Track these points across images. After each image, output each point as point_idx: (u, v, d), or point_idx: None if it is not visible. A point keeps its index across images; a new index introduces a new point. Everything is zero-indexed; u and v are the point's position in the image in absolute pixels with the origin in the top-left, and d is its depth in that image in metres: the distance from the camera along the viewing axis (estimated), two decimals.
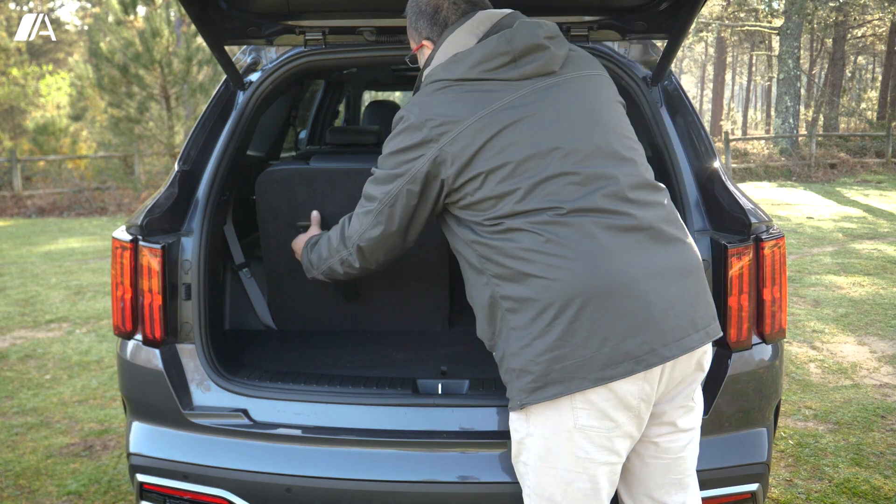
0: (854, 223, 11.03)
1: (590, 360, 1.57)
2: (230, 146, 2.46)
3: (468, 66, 1.70)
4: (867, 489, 3.19)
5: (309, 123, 5.28)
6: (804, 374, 4.67)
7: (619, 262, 1.59)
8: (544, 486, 1.70)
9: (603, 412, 1.62)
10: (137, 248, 2.18)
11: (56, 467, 3.52)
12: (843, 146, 21.53)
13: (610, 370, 1.58)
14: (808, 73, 33.71)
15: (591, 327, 1.57)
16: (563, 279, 1.58)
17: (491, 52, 1.70)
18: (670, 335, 1.61)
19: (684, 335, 1.63)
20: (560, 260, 1.59)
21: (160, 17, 15.20)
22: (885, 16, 25.00)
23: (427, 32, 1.86)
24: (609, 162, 1.68)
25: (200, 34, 2.26)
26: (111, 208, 15.29)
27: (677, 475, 1.82)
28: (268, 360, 2.58)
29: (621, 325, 1.57)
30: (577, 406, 1.62)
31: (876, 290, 6.80)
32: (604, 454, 1.66)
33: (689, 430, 1.81)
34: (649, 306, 1.59)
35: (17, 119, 23.80)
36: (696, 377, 1.76)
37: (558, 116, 1.69)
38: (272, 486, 2.09)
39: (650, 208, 1.68)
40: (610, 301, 1.57)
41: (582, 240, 1.60)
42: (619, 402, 1.62)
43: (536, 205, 1.62)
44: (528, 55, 1.71)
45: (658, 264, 1.63)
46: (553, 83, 1.72)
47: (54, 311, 6.59)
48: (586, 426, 1.63)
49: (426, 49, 1.88)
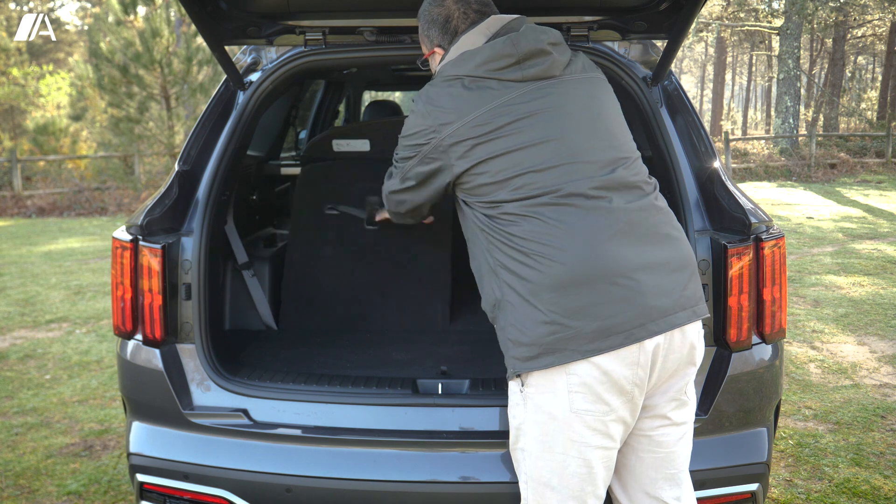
0: (854, 223, 11.03)
1: (581, 334, 1.67)
2: (230, 146, 2.46)
3: (475, 64, 1.82)
4: (867, 489, 3.19)
5: (309, 123, 5.28)
6: (804, 374, 4.67)
7: (614, 250, 1.70)
8: (541, 470, 1.76)
9: (598, 395, 1.70)
10: (137, 248, 2.18)
11: (56, 467, 3.52)
12: (843, 146, 21.52)
13: (600, 342, 1.67)
14: (808, 73, 33.71)
15: (584, 304, 1.67)
16: (561, 261, 1.69)
17: (497, 52, 1.81)
18: (658, 312, 1.70)
19: (671, 312, 1.72)
20: (558, 241, 1.70)
21: (160, 17, 15.19)
22: (885, 16, 25.01)
23: (438, 40, 1.97)
24: (604, 156, 1.79)
25: (200, 34, 2.26)
26: (111, 208, 15.29)
27: (671, 470, 1.86)
28: (268, 360, 2.58)
29: (612, 303, 1.68)
30: (574, 389, 1.69)
31: (876, 290, 6.80)
32: (598, 438, 1.73)
33: (682, 424, 1.86)
34: (640, 288, 1.69)
35: (17, 119, 23.80)
36: (688, 371, 1.82)
37: (557, 113, 1.80)
38: (272, 486, 2.09)
39: (644, 202, 1.78)
40: (603, 283, 1.68)
41: (578, 225, 1.71)
42: (613, 386, 1.70)
43: (534, 191, 1.73)
44: (532, 59, 1.81)
45: (653, 256, 1.73)
46: (553, 84, 1.83)
47: (54, 311, 6.59)
48: (581, 410, 1.70)
49: (437, 55, 2.00)
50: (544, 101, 1.79)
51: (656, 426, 1.83)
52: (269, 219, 3.81)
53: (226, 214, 2.77)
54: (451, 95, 1.81)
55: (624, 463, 1.88)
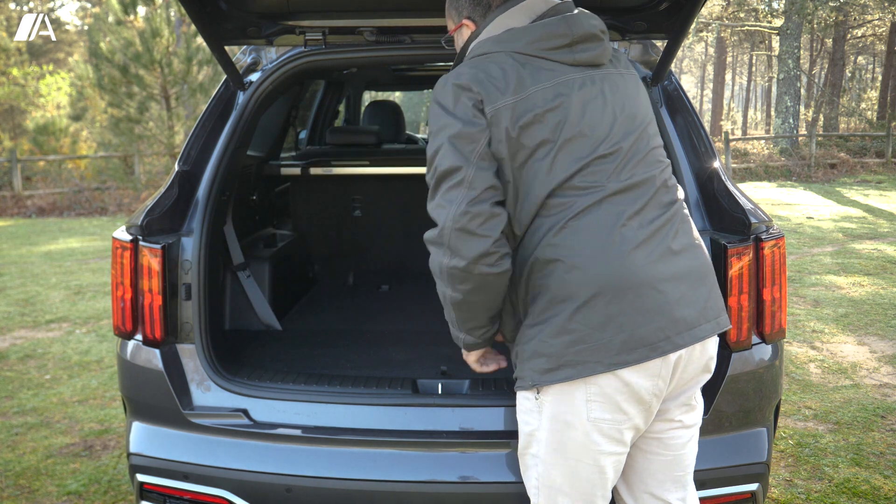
0: (854, 223, 11.03)
1: (606, 345, 1.60)
2: (230, 146, 2.46)
3: (526, 41, 1.69)
4: (867, 489, 3.19)
5: (309, 123, 5.28)
6: (804, 374, 4.67)
7: (642, 259, 1.63)
8: (553, 477, 1.74)
9: (616, 405, 1.65)
10: (137, 248, 2.18)
11: (56, 467, 3.52)
12: (843, 146, 21.51)
13: (625, 355, 1.60)
14: (808, 73, 33.71)
15: (609, 314, 1.60)
16: (586, 268, 1.61)
17: (550, 32, 1.70)
18: (683, 324, 1.65)
19: (696, 325, 1.67)
20: (584, 248, 1.62)
21: (160, 17, 15.18)
22: (885, 16, 25.00)
23: (468, 12, 1.83)
24: (643, 162, 1.71)
25: (200, 34, 2.26)
26: (111, 208, 15.29)
27: (679, 472, 1.85)
28: (268, 360, 2.58)
29: (638, 313, 1.61)
30: (592, 399, 1.64)
31: (876, 290, 6.80)
32: (612, 444, 1.70)
33: (692, 427, 1.85)
34: (665, 299, 1.63)
35: (17, 119, 23.79)
36: (701, 378, 1.80)
37: (602, 105, 1.70)
38: (272, 486, 2.09)
39: (672, 211, 1.72)
40: (628, 292, 1.61)
41: (607, 231, 1.62)
42: (633, 396, 1.65)
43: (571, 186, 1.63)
44: (584, 43, 1.72)
45: (678, 266, 1.67)
46: (601, 75, 1.73)
47: (54, 311, 6.59)
48: (598, 419, 1.66)
49: (466, 29, 1.85)
50: (592, 90, 1.69)
51: (667, 429, 1.81)
52: (269, 219, 3.82)
53: (225, 214, 2.77)
54: (500, 70, 1.65)
55: (631, 464, 1.86)
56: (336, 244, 4.13)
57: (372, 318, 3.02)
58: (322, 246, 4.10)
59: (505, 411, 2.10)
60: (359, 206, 4.09)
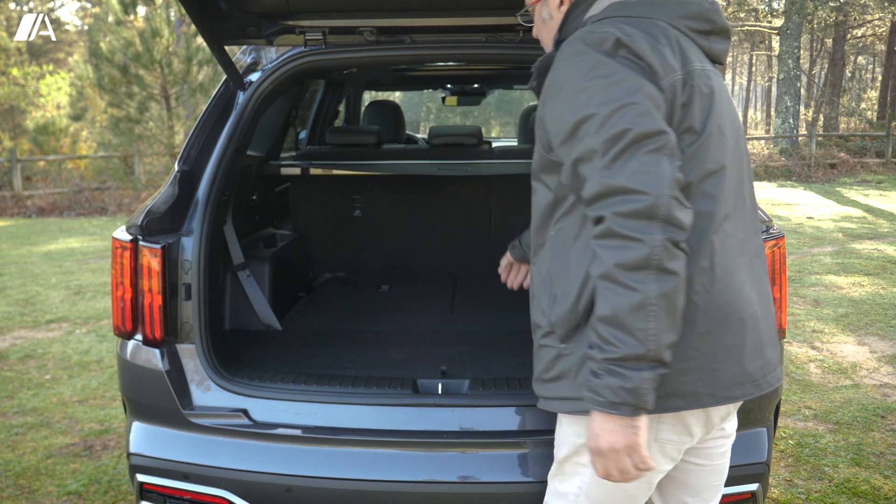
0: (854, 223, 11.03)
1: (721, 376, 1.49)
2: (230, 146, 2.46)
3: (672, 13, 1.51)
4: (867, 489, 3.19)
5: (309, 123, 5.28)
6: (804, 374, 4.67)
7: (747, 286, 1.54)
8: (600, 491, 1.64)
9: (688, 428, 1.57)
10: (137, 248, 2.18)
11: (56, 467, 3.52)
12: (843, 146, 21.51)
13: (737, 389, 1.52)
14: (808, 73, 33.71)
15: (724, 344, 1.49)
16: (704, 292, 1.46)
17: (695, 12, 1.53)
18: (771, 363, 1.60)
19: (777, 364, 1.62)
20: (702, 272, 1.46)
21: (160, 17, 15.18)
22: (885, 16, 25.00)
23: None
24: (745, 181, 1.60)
25: (200, 34, 2.26)
26: (111, 208, 15.28)
27: (717, 481, 1.81)
28: (268, 360, 2.58)
29: (746, 347, 1.52)
30: (664, 420, 1.54)
31: (876, 290, 6.80)
32: (668, 464, 1.63)
33: (732, 436, 1.80)
34: (760, 332, 1.56)
35: (17, 119, 23.78)
36: None
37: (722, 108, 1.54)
38: (272, 486, 2.09)
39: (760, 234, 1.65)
40: (739, 322, 1.51)
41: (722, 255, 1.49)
42: (707, 421, 1.60)
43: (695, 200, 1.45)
44: (719, 35, 1.58)
45: (763, 292, 1.61)
46: (717, 75, 1.58)
47: (54, 311, 6.59)
48: (666, 440, 1.57)
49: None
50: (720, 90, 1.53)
51: (709, 439, 1.73)
52: (269, 219, 3.82)
53: (225, 214, 2.77)
54: (650, 35, 1.44)
55: (671, 475, 1.77)
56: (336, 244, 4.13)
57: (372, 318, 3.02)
58: (322, 246, 4.10)
59: (503, 411, 2.10)
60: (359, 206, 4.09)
